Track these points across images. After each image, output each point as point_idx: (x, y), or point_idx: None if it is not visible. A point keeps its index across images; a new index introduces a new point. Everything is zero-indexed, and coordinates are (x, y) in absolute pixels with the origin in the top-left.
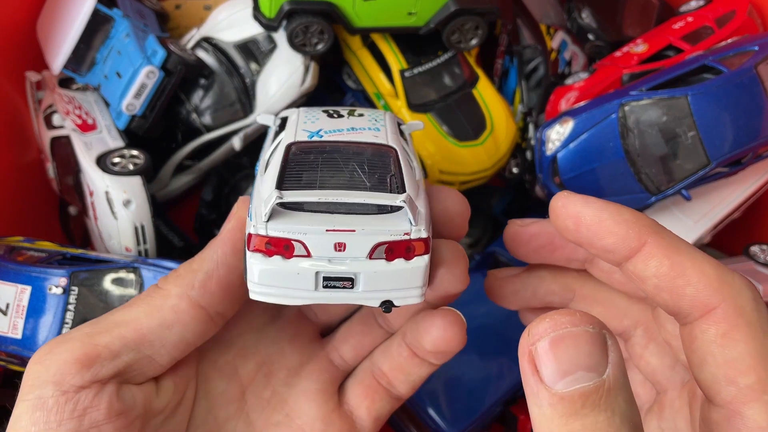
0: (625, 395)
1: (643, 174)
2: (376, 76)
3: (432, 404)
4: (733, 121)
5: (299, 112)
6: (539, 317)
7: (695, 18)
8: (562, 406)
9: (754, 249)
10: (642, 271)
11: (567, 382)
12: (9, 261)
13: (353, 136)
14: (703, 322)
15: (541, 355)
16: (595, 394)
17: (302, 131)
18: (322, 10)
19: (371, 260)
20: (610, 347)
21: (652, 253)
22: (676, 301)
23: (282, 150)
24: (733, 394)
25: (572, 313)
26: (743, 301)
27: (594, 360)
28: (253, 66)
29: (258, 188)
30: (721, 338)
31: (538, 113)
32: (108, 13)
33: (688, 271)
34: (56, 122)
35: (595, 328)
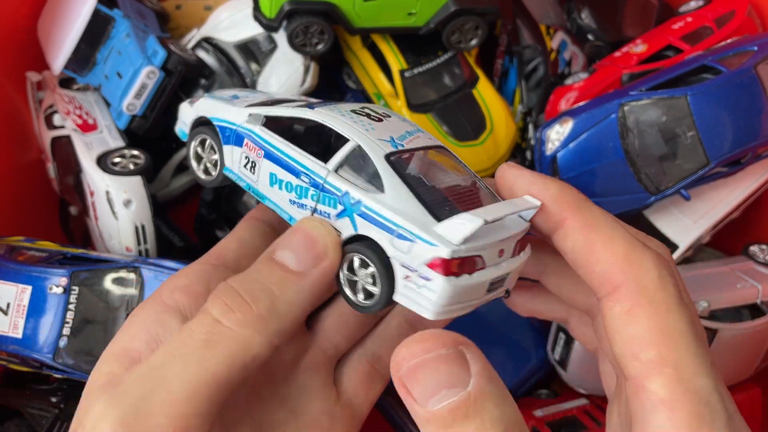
0: (495, 399)
1: (642, 174)
2: (376, 77)
3: None
4: (733, 121)
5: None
6: (399, 346)
7: (695, 18)
8: (436, 422)
9: (753, 249)
10: (562, 245)
11: (435, 401)
12: (9, 261)
13: (418, 142)
14: (610, 300)
15: (408, 381)
16: (462, 406)
17: (378, 140)
18: (322, 10)
19: (513, 258)
20: (471, 360)
21: (569, 230)
22: (588, 278)
23: (383, 163)
24: (638, 368)
25: (425, 339)
26: (647, 279)
27: (453, 377)
28: (254, 66)
29: (391, 205)
30: (625, 315)
31: (538, 113)
32: (108, 13)
33: (599, 249)
34: (57, 122)
35: (449, 348)
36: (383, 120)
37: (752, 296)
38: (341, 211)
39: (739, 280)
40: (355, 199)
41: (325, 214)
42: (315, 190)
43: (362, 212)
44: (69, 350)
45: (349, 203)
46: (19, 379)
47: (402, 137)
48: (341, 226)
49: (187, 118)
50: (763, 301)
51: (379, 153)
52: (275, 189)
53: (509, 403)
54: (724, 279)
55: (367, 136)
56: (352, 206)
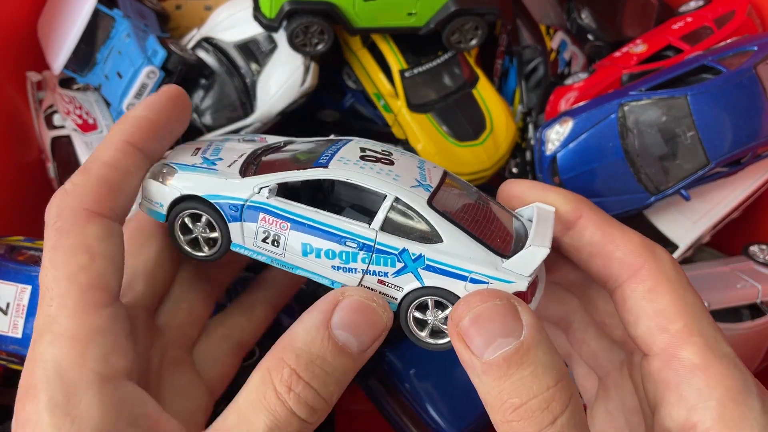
0: (544, 348)
1: (642, 174)
2: (376, 77)
3: (432, 404)
4: (733, 121)
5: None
6: (456, 304)
7: (694, 18)
8: (492, 371)
9: (753, 249)
10: (578, 241)
11: (491, 350)
12: (9, 260)
13: (434, 175)
14: (632, 282)
15: (466, 333)
16: (515, 355)
17: (411, 188)
18: (322, 10)
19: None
20: (522, 312)
21: (586, 225)
22: (607, 266)
23: (430, 211)
24: (667, 340)
25: (480, 293)
26: (663, 262)
27: (508, 327)
28: (254, 66)
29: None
30: (648, 293)
31: (538, 113)
32: (108, 13)
33: (617, 239)
34: (57, 122)
35: (502, 300)
36: (394, 162)
37: (752, 296)
38: (401, 268)
39: (739, 280)
40: (416, 254)
41: (381, 274)
42: (365, 252)
43: (427, 266)
44: None
45: (410, 259)
46: (19, 379)
47: (423, 176)
48: (402, 282)
49: (160, 198)
50: (763, 301)
51: (421, 202)
52: (311, 258)
53: (558, 355)
54: (724, 279)
55: (400, 186)
56: (414, 261)
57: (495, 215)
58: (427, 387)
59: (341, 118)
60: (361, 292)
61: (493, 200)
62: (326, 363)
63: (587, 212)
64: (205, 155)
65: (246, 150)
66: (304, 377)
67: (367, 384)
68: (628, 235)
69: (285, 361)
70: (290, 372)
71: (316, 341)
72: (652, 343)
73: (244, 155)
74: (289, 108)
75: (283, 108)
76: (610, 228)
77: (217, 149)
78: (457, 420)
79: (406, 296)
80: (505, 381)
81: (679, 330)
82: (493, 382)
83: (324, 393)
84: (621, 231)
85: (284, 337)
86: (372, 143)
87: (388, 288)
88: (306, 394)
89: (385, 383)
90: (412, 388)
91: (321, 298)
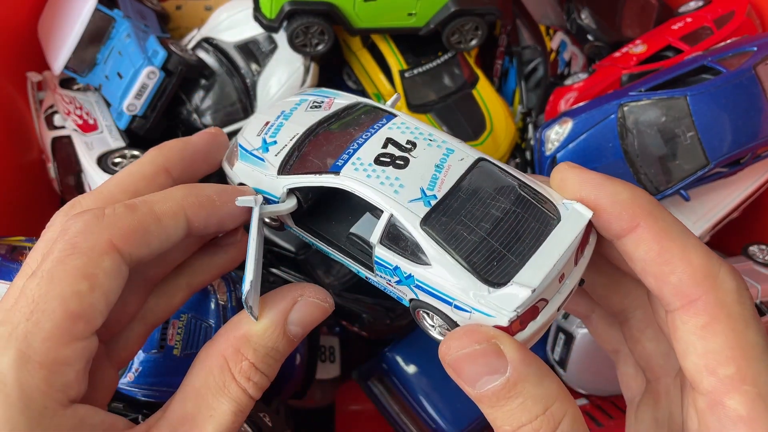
0: (534, 379)
1: (642, 174)
2: (376, 77)
3: (432, 404)
4: (732, 122)
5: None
6: (442, 341)
7: (694, 19)
8: (484, 400)
9: (753, 249)
10: (632, 252)
11: (480, 385)
12: (10, 261)
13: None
14: (684, 313)
15: (454, 369)
16: (503, 390)
17: (409, 203)
18: (322, 10)
19: (576, 268)
20: (506, 349)
21: (643, 237)
22: (659, 288)
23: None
24: (714, 384)
25: (459, 337)
26: (725, 294)
27: (491, 367)
28: (254, 66)
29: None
30: (701, 330)
31: (538, 114)
32: (109, 13)
33: (675, 259)
34: (57, 122)
35: (481, 344)
36: (410, 161)
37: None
38: (398, 280)
39: None
40: (406, 274)
41: (386, 279)
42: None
43: (417, 284)
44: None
45: (403, 276)
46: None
47: (433, 181)
48: (403, 291)
49: (231, 179)
50: (763, 301)
51: (414, 222)
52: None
53: (549, 381)
54: None
55: (397, 202)
56: (406, 279)
57: (520, 219)
58: (427, 387)
59: None
60: (317, 293)
61: (533, 191)
62: (278, 353)
63: (645, 220)
64: (265, 135)
65: (302, 127)
66: (261, 369)
67: (367, 384)
68: (689, 254)
69: (243, 354)
70: (249, 365)
71: (273, 337)
72: (699, 383)
73: (296, 137)
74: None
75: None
76: (669, 243)
77: (279, 126)
78: (457, 420)
79: (411, 301)
80: (497, 411)
81: (730, 375)
82: (486, 410)
83: (272, 375)
84: (681, 249)
85: (239, 325)
86: (403, 129)
87: (395, 289)
88: (262, 381)
89: (385, 383)
90: (412, 388)
91: (279, 291)
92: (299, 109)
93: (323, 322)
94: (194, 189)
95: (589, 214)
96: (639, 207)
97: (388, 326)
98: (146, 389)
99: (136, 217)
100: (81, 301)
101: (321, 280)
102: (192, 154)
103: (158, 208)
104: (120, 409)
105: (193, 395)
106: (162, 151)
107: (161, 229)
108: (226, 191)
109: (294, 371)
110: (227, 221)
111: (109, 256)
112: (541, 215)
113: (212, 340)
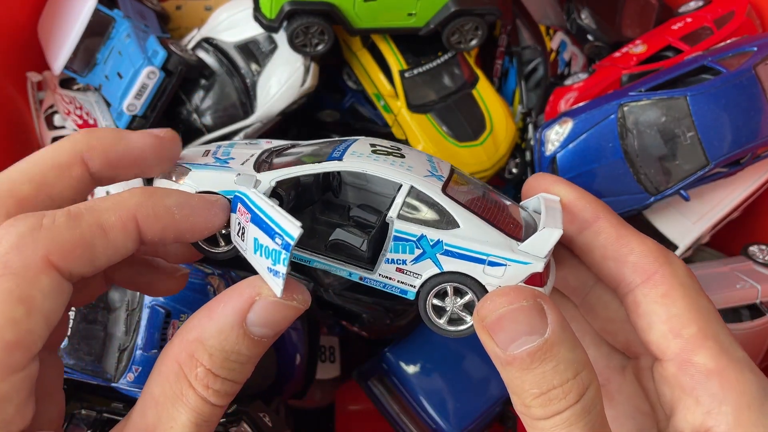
0: (568, 344)
1: (642, 174)
2: (376, 77)
3: (432, 404)
4: (732, 122)
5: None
6: (483, 299)
7: (694, 19)
8: (516, 363)
9: (752, 249)
10: (592, 241)
11: (516, 346)
12: None
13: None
14: (645, 286)
15: (491, 327)
16: (539, 351)
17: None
18: (322, 10)
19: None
20: (548, 310)
21: (603, 227)
22: (620, 269)
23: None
24: (681, 344)
25: (507, 293)
26: (677, 268)
27: (533, 326)
28: (254, 66)
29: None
30: (662, 298)
31: (538, 114)
32: (109, 13)
33: (632, 242)
34: (57, 122)
35: (528, 301)
36: (405, 156)
37: (752, 296)
38: (420, 254)
39: (739, 281)
40: (434, 240)
41: (399, 262)
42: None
43: (446, 251)
44: (69, 350)
45: (429, 245)
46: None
47: (434, 167)
48: (421, 268)
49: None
50: (763, 302)
51: (436, 190)
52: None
53: (580, 349)
54: (723, 279)
55: (414, 176)
56: (433, 247)
57: (503, 205)
58: (427, 387)
59: (341, 119)
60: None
61: (498, 192)
62: (242, 355)
63: (605, 214)
64: (216, 156)
65: (255, 152)
66: (220, 374)
67: (367, 384)
68: (643, 240)
69: (197, 359)
70: (205, 371)
71: (230, 339)
72: (666, 348)
73: (255, 155)
74: (289, 108)
75: (283, 108)
76: (625, 231)
77: (227, 151)
78: (458, 420)
79: (425, 283)
80: (528, 373)
81: (693, 334)
82: (516, 372)
83: (240, 379)
84: (636, 236)
85: (192, 327)
86: (380, 140)
87: (406, 276)
88: (224, 387)
89: (385, 383)
90: (412, 388)
91: (232, 289)
92: (238, 144)
93: (323, 322)
94: (152, 198)
95: (557, 198)
96: (598, 204)
97: (388, 326)
98: None
99: (79, 229)
100: (17, 329)
101: (321, 279)
102: (123, 152)
103: (106, 219)
104: (120, 409)
105: (152, 405)
106: (88, 138)
107: (107, 244)
108: (188, 204)
109: (294, 371)
110: (187, 234)
111: (46, 275)
112: (516, 207)
113: (169, 343)
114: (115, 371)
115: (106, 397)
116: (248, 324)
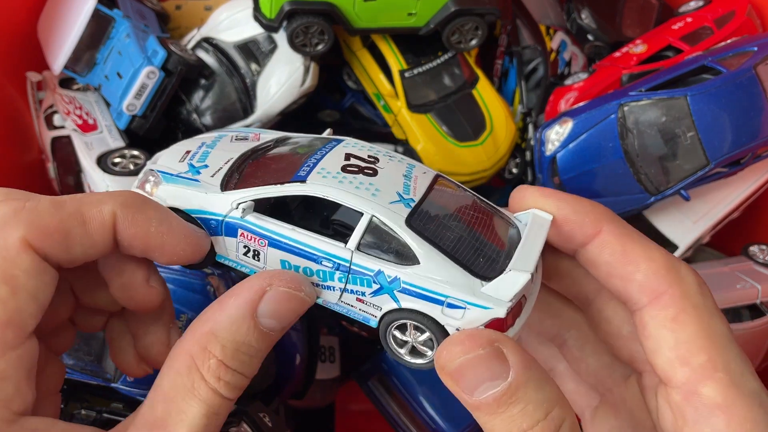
0: (534, 384)
1: (642, 174)
2: (376, 77)
3: (432, 404)
4: (733, 122)
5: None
6: (440, 347)
7: (694, 19)
8: (482, 408)
9: (753, 249)
10: (596, 257)
11: (480, 392)
12: None
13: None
14: (653, 308)
15: (454, 376)
16: (504, 395)
17: (389, 204)
18: (322, 10)
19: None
20: (509, 353)
21: (606, 241)
22: (626, 287)
23: (407, 231)
24: (688, 374)
25: (462, 342)
26: (688, 286)
27: (493, 372)
28: (254, 66)
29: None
30: (670, 322)
31: (538, 114)
32: (108, 13)
33: (639, 258)
34: (57, 122)
35: (485, 348)
36: (378, 172)
37: (752, 296)
38: (377, 289)
39: (739, 281)
40: (391, 277)
41: (358, 293)
42: (341, 272)
43: (403, 288)
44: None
45: (386, 282)
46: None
47: (406, 187)
48: (380, 302)
49: None
50: (763, 302)
51: (399, 221)
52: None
53: (549, 386)
54: (724, 279)
55: (377, 204)
56: (390, 284)
57: (487, 224)
58: (427, 387)
59: (341, 118)
60: (290, 282)
61: (489, 205)
62: (251, 348)
63: (607, 226)
64: (192, 161)
65: (235, 153)
66: (231, 366)
67: (367, 384)
68: (651, 253)
69: (210, 351)
70: (217, 363)
71: (242, 330)
72: (673, 376)
73: (230, 161)
74: (289, 108)
75: (283, 108)
76: (631, 244)
77: (206, 153)
78: (457, 420)
79: (385, 316)
80: (496, 418)
81: (702, 364)
82: (485, 417)
83: (249, 372)
84: (643, 249)
85: (206, 320)
86: (360, 146)
87: (367, 306)
88: (235, 380)
89: (385, 383)
90: (412, 388)
91: (243, 283)
92: (223, 140)
93: (323, 322)
94: (136, 203)
95: (550, 216)
96: (599, 213)
97: None
98: (147, 389)
99: (59, 216)
100: (4, 307)
101: None
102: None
103: (87, 210)
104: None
105: (162, 398)
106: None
107: (84, 234)
108: (168, 223)
109: (294, 371)
110: (155, 252)
111: (25, 253)
112: (506, 221)
113: (181, 338)
114: (115, 371)
115: (106, 398)
116: (259, 315)
